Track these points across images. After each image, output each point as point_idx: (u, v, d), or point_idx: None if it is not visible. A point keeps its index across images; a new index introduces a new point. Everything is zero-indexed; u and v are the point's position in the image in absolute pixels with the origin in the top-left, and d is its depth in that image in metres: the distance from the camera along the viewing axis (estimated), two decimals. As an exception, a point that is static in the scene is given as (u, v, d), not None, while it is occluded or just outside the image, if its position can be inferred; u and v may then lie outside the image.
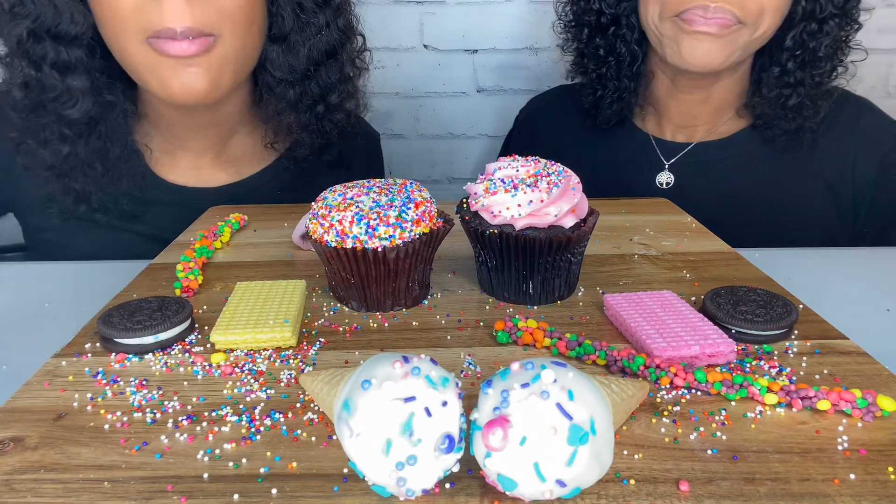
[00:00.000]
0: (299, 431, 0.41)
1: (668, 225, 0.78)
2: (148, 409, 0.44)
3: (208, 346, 0.52)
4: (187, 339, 0.53)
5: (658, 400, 0.44)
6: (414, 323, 0.56)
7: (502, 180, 0.56)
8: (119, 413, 0.43)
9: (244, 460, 0.39)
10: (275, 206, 0.88)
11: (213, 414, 0.43)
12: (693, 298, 0.59)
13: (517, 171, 0.57)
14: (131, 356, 0.50)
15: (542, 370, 0.33)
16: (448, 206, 0.66)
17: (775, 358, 0.49)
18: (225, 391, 0.46)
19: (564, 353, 0.50)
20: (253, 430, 0.41)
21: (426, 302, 0.59)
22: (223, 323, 0.52)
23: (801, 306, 0.57)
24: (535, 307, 0.58)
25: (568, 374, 0.34)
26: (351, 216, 0.53)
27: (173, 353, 0.51)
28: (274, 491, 0.36)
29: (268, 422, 0.42)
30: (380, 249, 0.53)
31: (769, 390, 0.43)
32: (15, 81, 0.80)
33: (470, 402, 0.43)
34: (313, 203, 0.57)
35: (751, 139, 0.97)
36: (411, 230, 0.54)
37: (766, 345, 0.51)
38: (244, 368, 0.48)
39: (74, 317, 0.58)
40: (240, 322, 0.52)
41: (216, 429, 0.42)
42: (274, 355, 0.50)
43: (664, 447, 0.39)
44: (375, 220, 0.53)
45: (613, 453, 0.34)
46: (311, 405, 0.44)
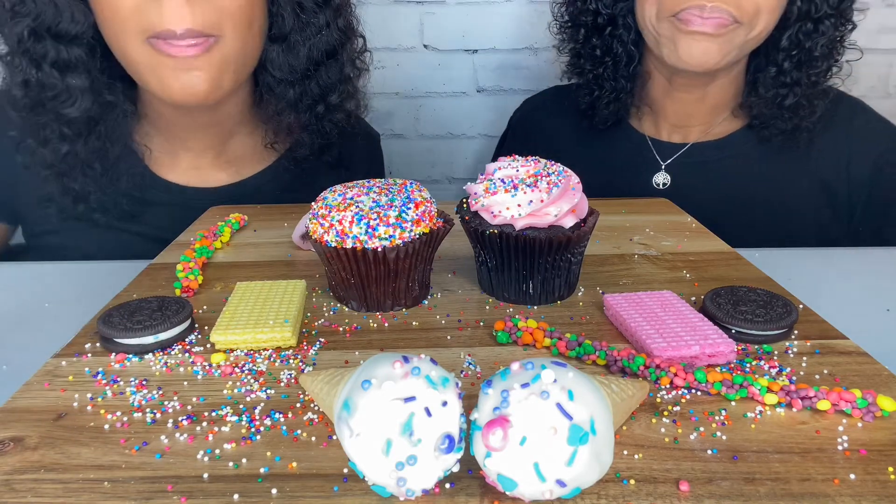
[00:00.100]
0: (299, 431, 0.41)
1: (668, 225, 0.78)
2: (148, 409, 0.44)
3: (208, 346, 0.52)
4: (187, 339, 0.53)
5: (658, 400, 0.44)
6: (414, 323, 0.56)
7: (502, 180, 0.56)
8: (119, 413, 0.43)
9: (244, 460, 0.39)
10: (275, 206, 0.88)
11: (213, 414, 0.43)
12: (693, 298, 0.59)
13: (517, 171, 0.57)
14: (131, 356, 0.50)
15: (542, 370, 0.33)
16: (448, 206, 0.66)
17: (775, 358, 0.49)
18: (225, 391, 0.46)
19: (564, 353, 0.50)
20: (253, 430, 0.41)
21: (426, 302, 0.59)
22: (223, 323, 0.52)
23: (801, 306, 0.57)
24: (535, 307, 0.58)
25: (568, 374, 0.34)
26: (351, 216, 0.53)
27: (173, 353, 0.51)
28: (274, 491, 0.36)
29: (268, 422, 0.42)
30: (380, 249, 0.53)
31: (769, 390, 0.43)
32: (15, 80, 0.80)
33: (470, 402, 0.43)
34: (313, 203, 0.57)
35: (746, 139, 0.97)
36: (411, 230, 0.54)
37: (766, 345, 0.51)
38: (244, 368, 0.48)
39: (74, 317, 0.58)
40: (240, 322, 0.52)
41: (216, 429, 0.42)
42: (274, 355, 0.50)
43: (664, 447, 0.39)
44: (375, 220, 0.53)
45: (613, 453, 0.34)
46: (311, 405, 0.44)
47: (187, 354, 0.51)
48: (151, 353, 0.51)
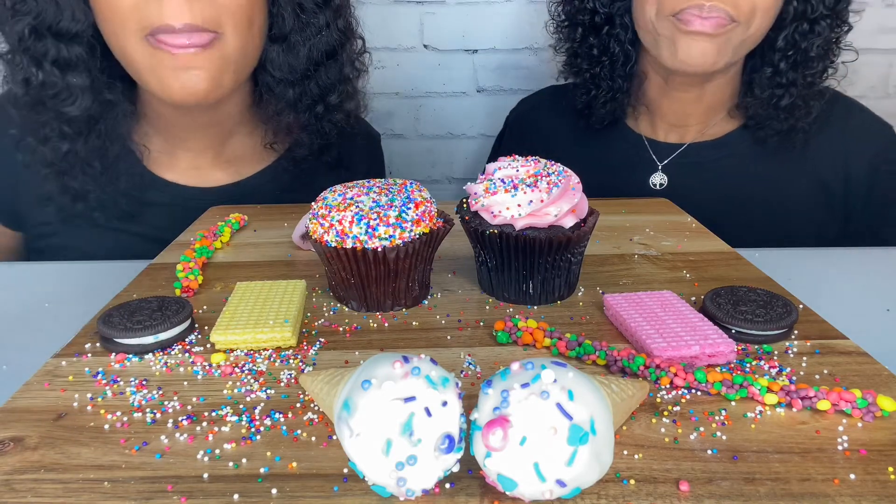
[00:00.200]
0: (299, 431, 0.41)
1: (668, 225, 0.78)
2: (148, 409, 0.44)
3: (208, 346, 0.52)
4: (187, 339, 0.53)
5: (658, 400, 0.44)
6: (414, 323, 0.56)
7: (502, 180, 0.56)
8: (119, 413, 0.43)
9: (244, 460, 0.39)
10: (275, 207, 0.88)
11: (213, 414, 0.43)
12: (693, 298, 0.59)
13: (517, 171, 0.57)
14: (131, 356, 0.50)
15: (542, 370, 0.33)
16: (448, 206, 0.66)
17: (775, 358, 0.49)
18: (225, 391, 0.46)
19: (564, 353, 0.50)
20: (253, 430, 0.41)
21: (426, 302, 0.59)
22: (223, 323, 0.52)
23: (801, 306, 0.57)
24: (535, 307, 0.58)
25: (568, 374, 0.34)
26: (351, 216, 0.53)
27: (173, 353, 0.51)
28: (274, 491, 0.36)
29: (268, 422, 0.42)
30: (380, 249, 0.53)
31: (769, 390, 0.43)
32: (16, 78, 0.80)
33: (470, 402, 0.43)
34: (313, 203, 0.57)
35: (743, 139, 0.97)
36: (411, 230, 0.54)
37: (766, 345, 0.51)
38: (244, 368, 0.48)
39: (74, 317, 0.58)
40: (240, 322, 0.52)
41: (216, 429, 0.42)
42: (274, 355, 0.50)
43: (664, 447, 0.39)
44: (375, 220, 0.53)
45: (613, 453, 0.34)
46: (311, 405, 0.44)
47: (187, 354, 0.51)
48: (151, 353, 0.51)
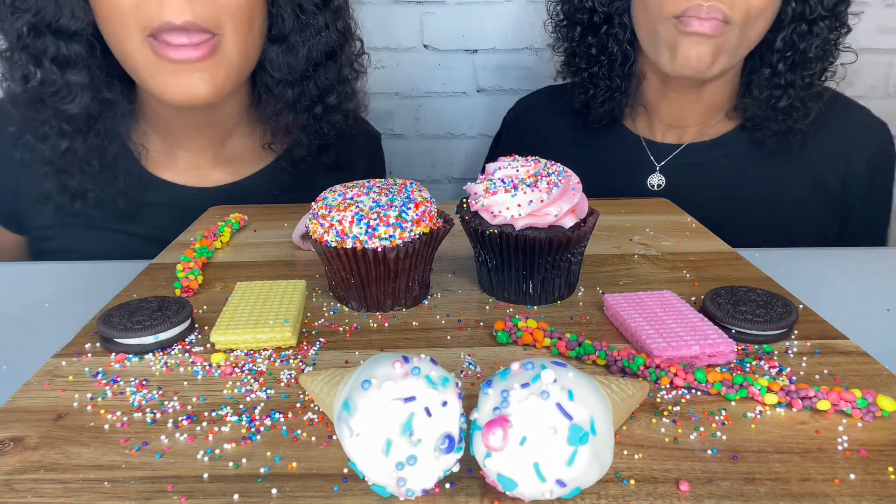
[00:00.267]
0: (299, 431, 0.41)
1: (668, 225, 0.78)
2: (148, 409, 0.44)
3: (208, 346, 0.52)
4: (187, 339, 0.53)
5: (658, 400, 0.44)
6: (414, 323, 0.56)
7: (502, 180, 0.56)
8: (119, 413, 0.43)
9: (244, 460, 0.39)
10: (275, 207, 0.88)
11: (213, 414, 0.43)
12: (693, 298, 0.59)
13: (517, 171, 0.57)
14: (131, 356, 0.50)
15: (542, 370, 0.33)
16: (448, 206, 0.66)
17: (775, 358, 0.49)
18: (225, 391, 0.46)
19: (564, 353, 0.50)
20: (253, 430, 0.41)
21: (426, 302, 0.59)
22: (223, 323, 0.52)
23: (801, 306, 0.57)
24: (535, 307, 0.58)
25: (568, 374, 0.34)
26: (351, 216, 0.53)
27: (173, 353, 0.51)
28: (274, 491, 0.36)
29: (268, 422, 0.42)
30: (380, 249, 0.53)
31: (769, 390, 0.43)
32: (15, 76, 0.80)
33: (470, 402, 0.43)
34: (313, 203, 0.57)
35: (741, 139, 0.97)
36: (411, 230, 0.54)
37: (766, 345, 0.51)
38: (244, 368, 0.48)
39: (74, 317, 0.58)
40: (240, 322, 0.52)
41: (216, 429, 0.42)
42: (274, 355, 0.50)
43: (664, 447, 0.39)
44: (375, 220, 0.53)
45: (613, 453, 0.34)
46: (311, 405, 0.44)
47: (187, 354, 0.51)
48: (151, 353, 0.51)
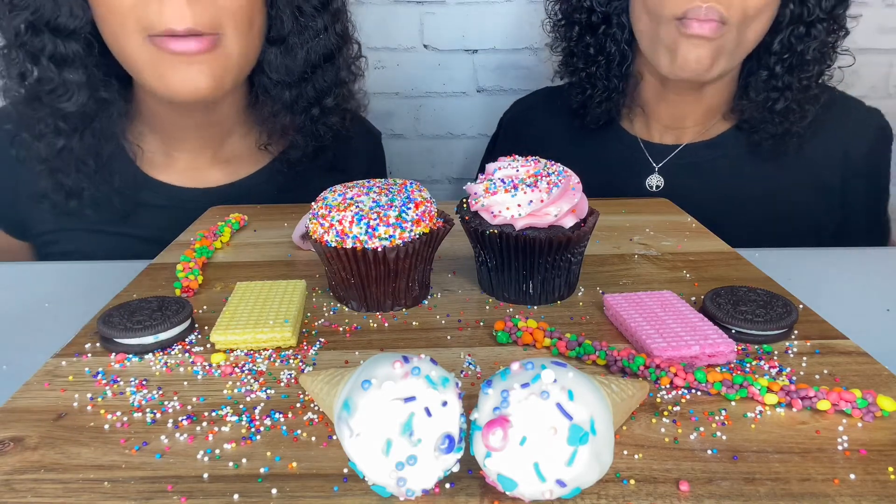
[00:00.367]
0: (299, 431, 0.41)
1: (668, 225, 0.78)
2: (148, 409, 0.44)
3: (208, 346, 0.52)
4: (187, 339, 0.53)
5: (658, 400, 0.44)
6: (414, 323, 0.56)
7: (502, 180, 0.56)
8: (119, 413, 0.43)
9: (244, 460, 0.39)
10: (275, 206, 0.88)
11: (213, 414, 0.43)
12: (693, 298, 0.59)
13: (517, 171, 0.57)
14: (131, 356, 0.50)
15: (542, 370, 0.33)
16: (448, 206, 0.66)
17: (775, 358, 0.49)
18: (225, 391, 0.46)
19: (564, 353, 0.50)
20: (253, 430, 0.41)
21: (426, 302, 0.59)
22: (223, 323, 0.52)
23: (801, 306, 0.57)
24: (535, 307, 0.58)
25: (568, 374, 0.34)
26: (351, 216, 0.53)
27: (173, 353, 0.51)
28: (274, 491, 0.36)
29: (268, 422, 0.42)
30: (380, 249, 0.53)
31: (769, 390, 0.43)
32: (12, 73, 0.80)
33: (470, 402, 0.43)
34: (313, 203, 0.57)
35: (739, 138, 0.97)
36: (411, 230, 0.54)
37: (766, 345, 0.51)
38: (244, 368, 0.48)
39: (74, 317, 0.58)
40: (240, 322, 0.52)
41: (216, 429, 0.42)
42: (274, 355, 0.50)
43: (664, 447, 0.39)
44: (375, 220, 0.53)
45: (613, 453, 0.34)
46: (311, 405, 0.44)
47: (187, 354, 0.51)
48: (151, 353, 0.51)
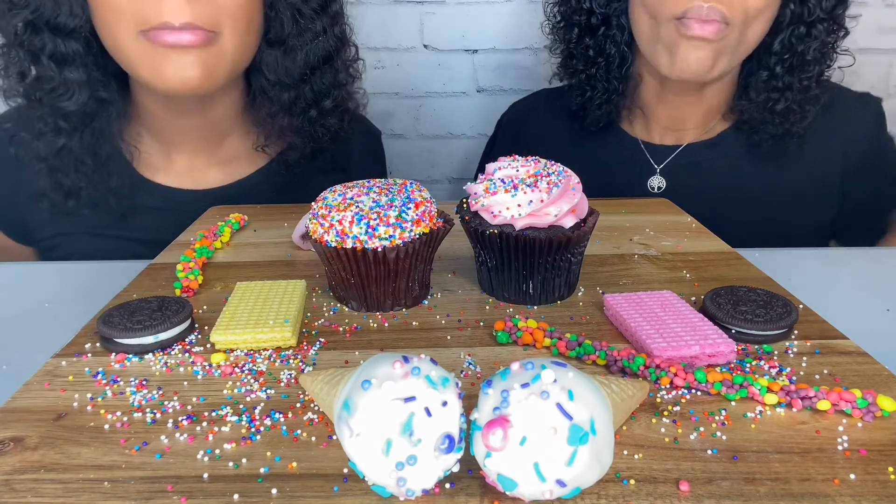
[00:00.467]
0: (299, 431, 0.41)
1: (668, 225, 0.78)
2: (148, 409, 0.44)
3: (208, 346, 0.52)
4: (187, 339, 0.53)
5: (658, 400, 0.44)
6: (414, 323, 0.56)
7: (502, 180, 0.56)
8: (119, 413, 0.43)
9: (244, 460, 0.39)
10: (275, 207, 0.88)
11: (213, 414, 0.43)
12: (693, 298, 0.59)
13: (517, 171, 0.57)
14: (131, 356, 0.50)
15: (542, 370, 0.33)
16: (448, 206, 0.66)
17: (775, 358, 0.49)
18: (225, 391, 0.46)
19: (564, 353, 0.50)
20: (253, 430, 0.41)
21: (426, 302, 0.59)
22: (223, 323, 0.52)
23: (801, 306, 0.57)
24: (535, 307, 0.58)
25: (568, 374, 0.34)
26: (351, 216, 0.53)
27: (173, 353, 0.51)
28: (274, 491, 0.36)
29: (268, 422, 0.42)
30: (380, 249, 0.53)
31: (769, 390, 0.43)
32: (12, 72, 0.80)
33: (470, 402, 0.43)
34: (313, 203, 0.57)
35: (738, 137, 0.97)
36: (411, 230, 0.54)
37: (766, 345, 0.51)
38: (244, 368, 0.48)
39: (74, 317, 0.58)
40: (240, 322, 0.52)
41: (216, 429, 0.42)
42: (274, 355, 0.50)
43: (664, 447, 0.39)
44: (375, 220, 0.53)
45: (613, 453, 0.34)
46: (311, 405, 0.44)
47: (187, 354, 0.51)
48: (151, 353, 0.51)
